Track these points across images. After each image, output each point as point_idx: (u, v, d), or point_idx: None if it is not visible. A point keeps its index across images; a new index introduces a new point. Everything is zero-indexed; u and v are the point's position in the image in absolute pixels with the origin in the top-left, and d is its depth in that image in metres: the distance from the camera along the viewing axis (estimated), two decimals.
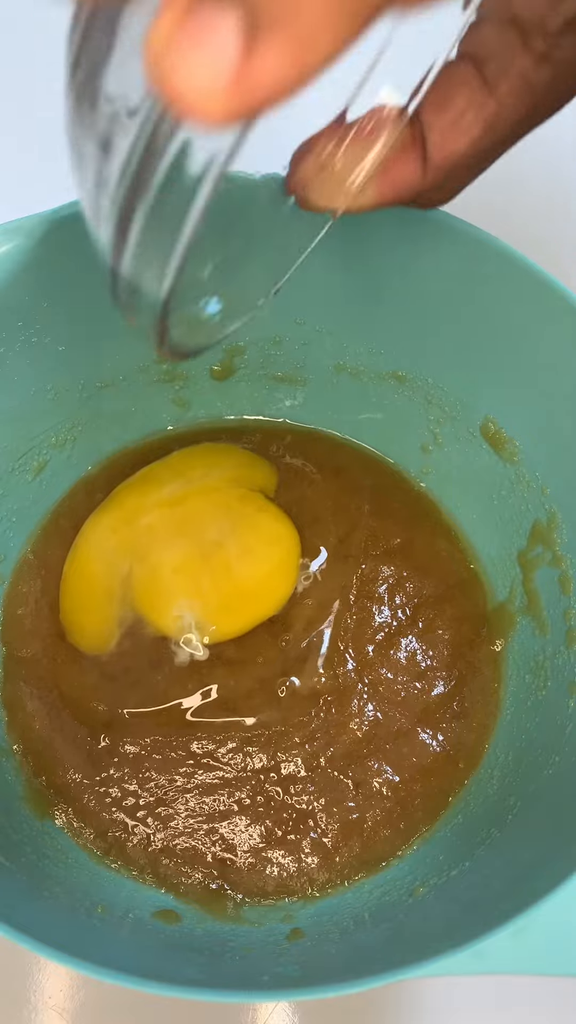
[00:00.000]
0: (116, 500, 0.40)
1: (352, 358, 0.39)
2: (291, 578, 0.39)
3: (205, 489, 0.40)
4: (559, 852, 0.27)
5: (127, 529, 0.39)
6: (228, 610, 0.38)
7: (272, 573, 0.39)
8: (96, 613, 0.39)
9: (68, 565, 0.40)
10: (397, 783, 0.37)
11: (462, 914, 0.29)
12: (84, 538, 0.40)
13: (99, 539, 0.39)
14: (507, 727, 0.38)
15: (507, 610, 0.40)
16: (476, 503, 0.41)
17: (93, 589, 0.39)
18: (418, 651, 0.39)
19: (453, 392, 0.38)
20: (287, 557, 0.39)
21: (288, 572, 0.39)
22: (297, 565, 0.40)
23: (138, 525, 0.39)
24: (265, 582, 0.39)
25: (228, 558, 0.38)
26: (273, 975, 0.30)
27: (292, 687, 0.38)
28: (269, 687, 0.38)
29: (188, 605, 0.38)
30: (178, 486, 0.40)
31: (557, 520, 0.36)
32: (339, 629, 0.39)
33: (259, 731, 0.38)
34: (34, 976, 0.37)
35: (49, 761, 0.37)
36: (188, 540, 0.39)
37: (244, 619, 0.39)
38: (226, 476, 0.40)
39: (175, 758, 0.37)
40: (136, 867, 0.36)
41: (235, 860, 0.36)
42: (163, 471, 0.41)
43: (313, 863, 0.36)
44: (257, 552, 0.39)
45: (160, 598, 0.38)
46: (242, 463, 0.41)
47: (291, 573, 0.39)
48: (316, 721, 0.38)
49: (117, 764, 0.37)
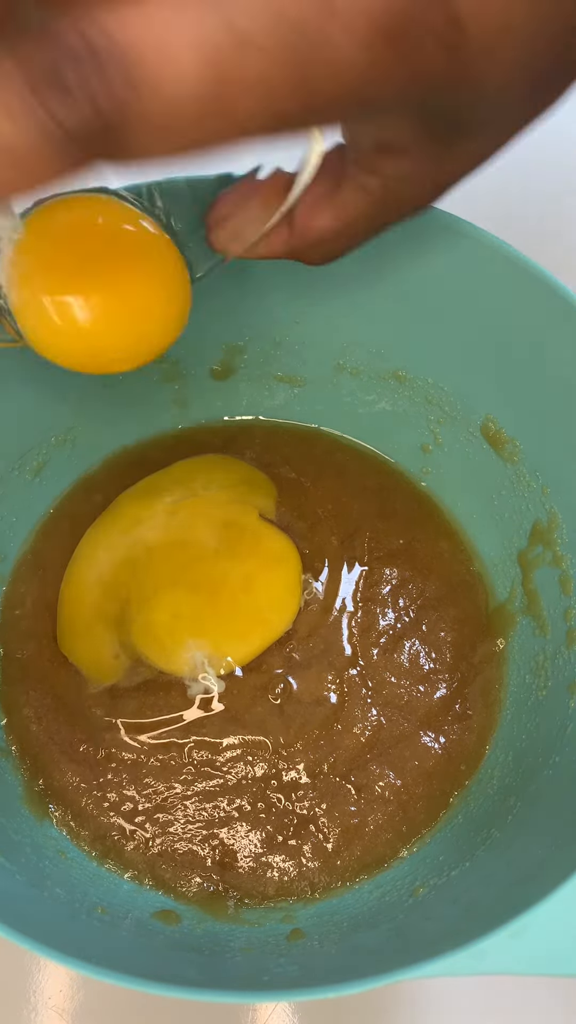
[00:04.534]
0: (115, 514, 0.40)
1: (352, 358, 0.39)
2: (296, 596, 0.39)
3: (204, 508, 0.39)
4: (559, 852, 0.27)
5: (123, 550, 0.39)
6: (239, 639, 0.38)
7: (278, 597, 0.39)
8: (91, 641, 0.38)
9: (63, 589, 0.39)
10: (399, 787, 0.37)
11: (462, 914, 0.29)
12: (78, 563, 0.40)
13: (95, 562, 0.39)
14: (507, 727, 0.38)
15: (507, 610, 0.40)
16: (476, 503, 0.41)
17: (88, 619, 0.38)
18: (421, 653, 0.39)
19: (453, 392, 0.38)
20: (290, 577, 0.39)
21: (293, 591, 0.39)
22: (300, 582, 0.39)
23: (135, 551, 0.39)
24: (272, 607, 0.39)
25: (232, 590, 0.38)
26: (273, 975, 0.30)
27: (296, 694, 0.38)
28: (272, 694, 0.38)
29: (197, 645, 0.37)
30: (177, 499, 0.40)
31: (557, 520, 0.36)
32: (343, 633, 0.39)
33: (261, 739, 0.37)
34: (34, 976, 0.37)
35: (47, 764, 0.37)
36: (187, 577, 0.38)
37: (257, 644, 0.38)
38: (224, 496, 0.40)
39: (175, 765, 0.37)
40: (135, 870, 0.36)
41: (235, 864, 0.36)
42: (164, 481, 0.40)
43: (314, 866, 0.36)
44: (260, 579, 0.38)
45: (166, 645, 0.38)
46: (243, 479, 0.41)
47: (295, 592, 0.39)
48: (320, 728, 0.38)
49: (115, 770, 0.37)
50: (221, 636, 0.38)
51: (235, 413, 0.43)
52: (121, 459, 0.42)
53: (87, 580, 0.39)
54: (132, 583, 0.38)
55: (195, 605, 0.38)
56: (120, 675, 0.38)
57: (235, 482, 0.41)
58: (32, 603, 0.40)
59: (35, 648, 0.39)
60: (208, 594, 0.38)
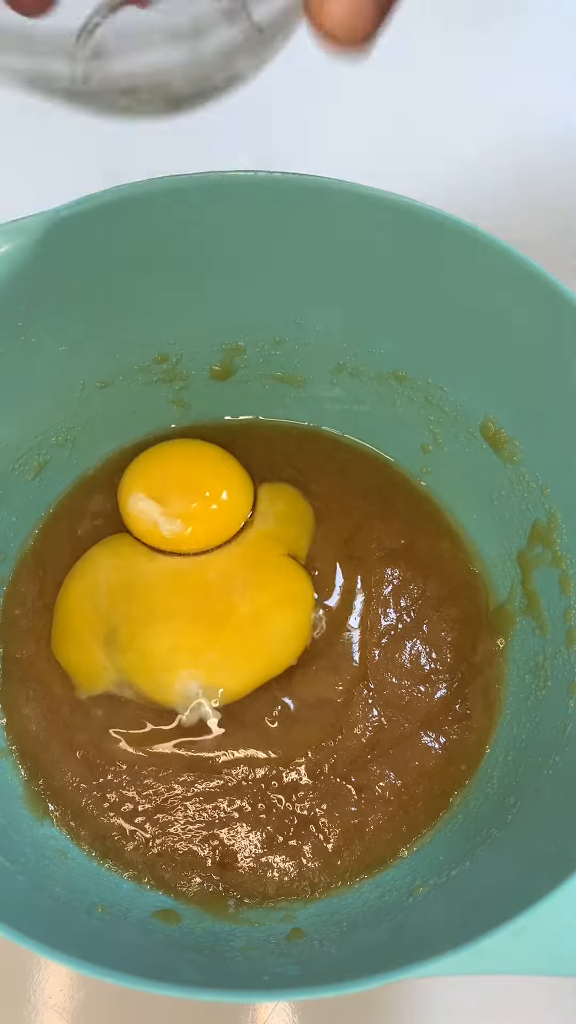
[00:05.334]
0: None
1: (352, 358, 0.39)
2: (305, 637, 0.38)
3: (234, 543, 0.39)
4: (559, 851, 0.27)
5: (124, 572, 0.38)
6: (239, 671, 0.37)
7: (287, 634, 0.38)
8: (81, 653, 0.38)
9: (59, 597, 0.39)
10: (399, 787, 0.37)
11: (462, 914, 0.29)
12: (75, 575, 0.39)
13: (92, 580, 0.39)
14: (507, 727, 0.38)
15: (507, 610, 0.40)
16: (476, 503, 0.41)
17: (77, 632, 0.38)
18: (422, 654, 0.39)
19: (453, 392, 0.38)
20: (301, 617, 0.38)
21: (302, 631, 0.38)
22: (311, 623, 0.39)
23: (134, 575, 0.38)
24: (279, 642, 0.38)
25: (240, 621, 0.37)
26: (273, 975, 0.30)
27: (298, 696, 0.38)
28: (274, 697, 0.38)
29: (191, 675, 0.37)
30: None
31: (557, 520, 0.36)
32: (345, 634, 0.39)
33: (263, 741, 0.37)
34: (34, 976, 0.37)
35: (46, 764, 0.37)
36: (188, 608, 0.37)
37: (256, 678, 0.37)
38: (267, 530, 0.39)
39: (175, 767, 0.37)
40: (135, 869, 0.36)
41: (236, 864, 0.36)
42: None
43: (314, 867, 0.36)
44: (271, 613, 0.38)
45: (160, 679, 0.37)
46: (296, 518, 0.40)
47: (305, 632, 0.38)
48: (322, 729, 0.38)
49: (115, 771, 0.37)
50: (219, 667, 0.37)
51: (235, 413, 0.43)
52: (121, 459, 0.42)
53: (80, 593, 0.39)
54: (125, 609, 0.38)
55: (193, 636, 0.37)
56: (109, 685, 0.37)
57: (286, 519, 0.40)
58: (32, 603, 0.40)
59: (35, 648, 0.39)
60: (210, 625, 0.37)
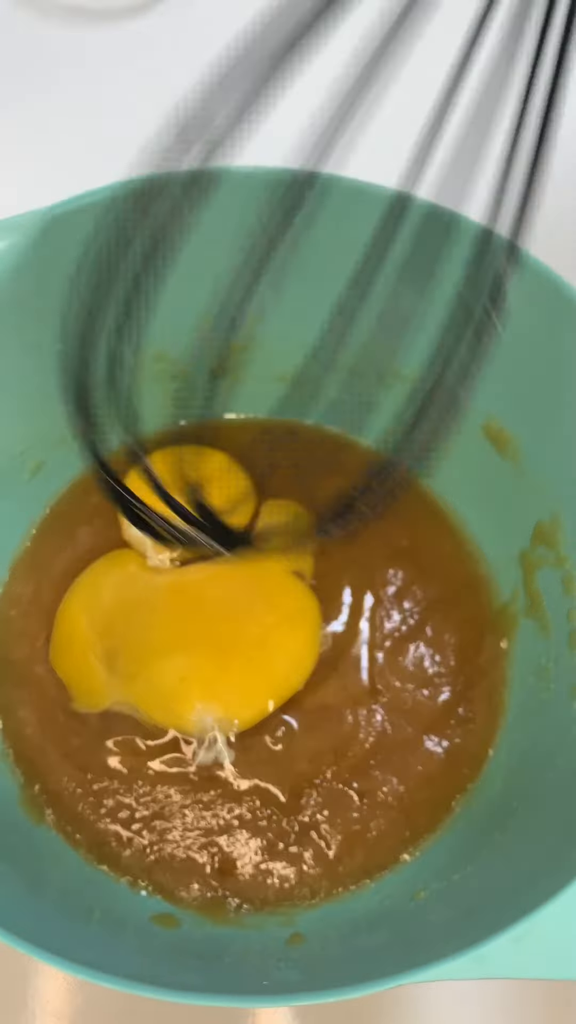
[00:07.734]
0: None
1: (353, 357, 0.38)
2: (314, 654, 0.38)
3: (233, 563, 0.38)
4: (562, 856, 0.27)
5: (127, 590, 0.38)
6: (250, 701, 0.37)
7: (295, 654, 0.38)
8: (84, 672, 0.38)
9: (59, 610, 0.39)
10: (402, 792, 0.37)
11: (464, 918, 0.29)
12: (76, 590, 0.39)
13: (93, 597, 0.38)
14: (511, 730, 0.38)
15: (510, 612, 0.39)
16: (478, 503, 0.40)
17: (77, 650, 0.38)
18: (426, 657, 0.39)
19: None
20: (309, 635, 0.38)
21: (311, 649, 0.38)
22: (319, 639, 0.38)
23: (136, 593, 0.38)
24: (287, 665, 0.38)
25: (246, 647, 0.37)
26: (273, 980, 0.30)
27: (300, 702, 0.38)
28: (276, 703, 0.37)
29: (206, 709, 0.36)
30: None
31: (560, 520, 0.36)
32: (347, 637, 0.39)
33: (264, 748, 0.37)
34: (31, 980, 0.36)
35: (43, 768, 0.37)
36: (196, 635, 0.37)
37: (268, 706, 0.37)
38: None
39: (173, 774, 0.37)
40: (132, 875, 0.35)
41: (235, 871, 0.36)
42: None
43: (315, 873, 0.36)
44: (277, 636, 0.37)
45: (173, 709, 0.36)
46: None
47: (314, 650, 0.38)
48: (324, 735, 0.37)
49: (111, 777, 0.37)
50: (232, 698, 0.36)
51: (235, 413, 0.43)
52: (120, 459, 0.42)
53: (80, 610, 0.38)
54: (125, 629, 0.37)
55: (203, 666, 0.36)
56: (112, 707, 0.37)
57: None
58: (28, 604, 0.39)
59: (30, 650, 0.39)
60: (218, 650, 0.37)
